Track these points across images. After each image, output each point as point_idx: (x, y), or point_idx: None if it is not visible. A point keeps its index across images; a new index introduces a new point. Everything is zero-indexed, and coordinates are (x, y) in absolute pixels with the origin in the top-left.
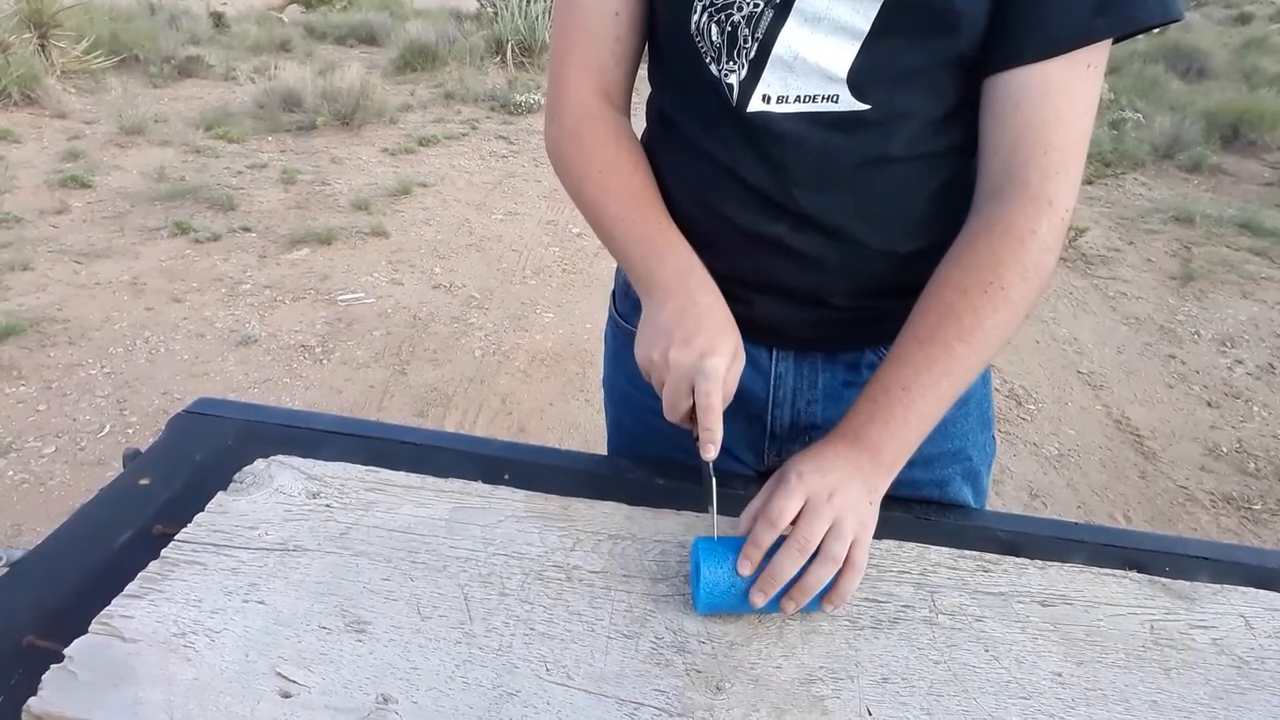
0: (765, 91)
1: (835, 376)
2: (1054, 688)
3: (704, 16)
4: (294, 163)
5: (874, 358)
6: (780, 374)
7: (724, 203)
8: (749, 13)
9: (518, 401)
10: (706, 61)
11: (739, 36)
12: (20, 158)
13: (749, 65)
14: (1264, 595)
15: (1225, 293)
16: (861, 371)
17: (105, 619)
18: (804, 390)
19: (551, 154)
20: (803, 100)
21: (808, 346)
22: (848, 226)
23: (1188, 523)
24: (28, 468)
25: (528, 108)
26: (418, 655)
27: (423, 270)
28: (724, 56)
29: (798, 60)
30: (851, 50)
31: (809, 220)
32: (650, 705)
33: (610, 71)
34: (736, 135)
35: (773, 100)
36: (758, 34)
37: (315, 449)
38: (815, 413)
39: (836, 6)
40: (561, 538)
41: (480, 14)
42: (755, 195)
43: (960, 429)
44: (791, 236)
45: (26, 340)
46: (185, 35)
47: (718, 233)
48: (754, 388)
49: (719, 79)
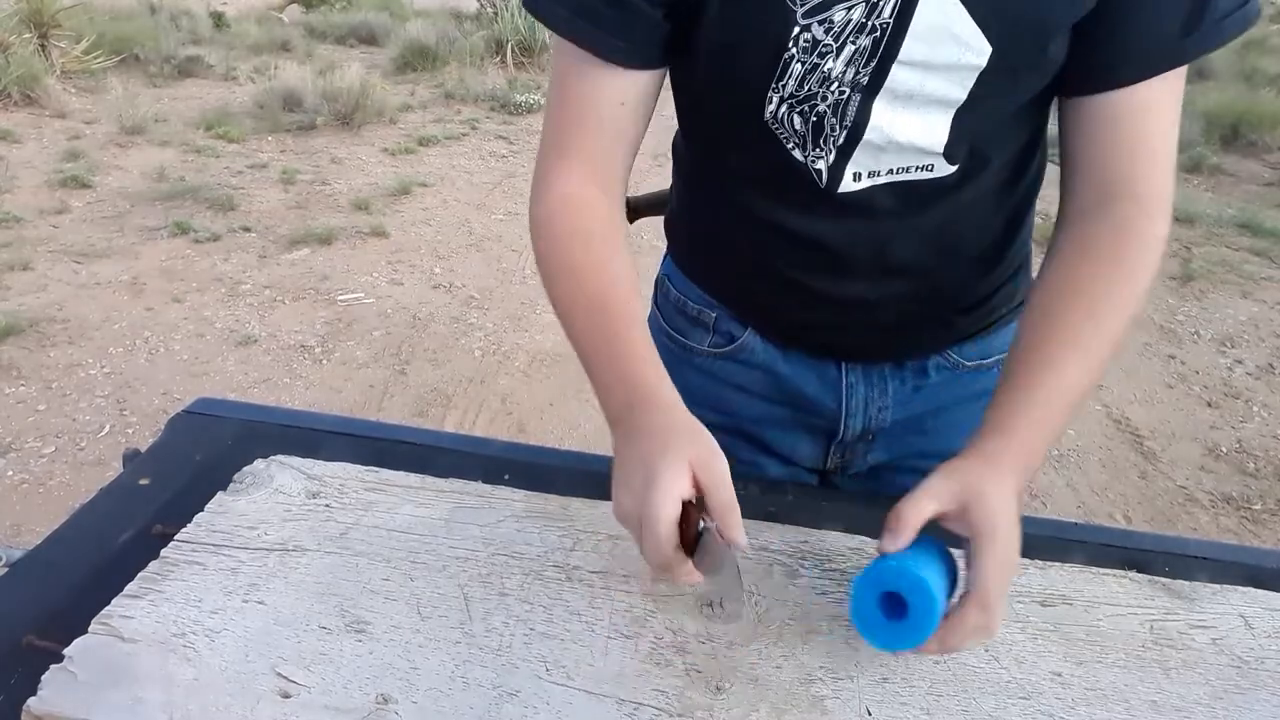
0: (856, 170)
1: (905, 383)
2: (1054, 688)
3: (782, 107)
4: (294, 163)
5: (941, 360)
6: (851, 384)
7: (804, 273)
8: (835, 100)
9: (517, 401)
10: (789, 148)
11: (825, 125)
12: (20, 158)
13: (837, 151)
14: (1263, 595)
15: (1225, 293)
16: (929, 374)
17: (105, 619)
18: (875, 399)
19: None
20: (896, 173)
21: (875, 359)
22: (926, 270)
23: (1187, 523)
24: (27, 468)
25: (528, 108)
26: (417, 655)
27: (422, 270)
28: (809, 144)
29: (891, 143)
30: (946, 121)
31: (890, 273)
32: (650, 705)
33: (606, 163)
34: (823, 213)
35: (864, 178)
36: (846, 121)
37: (315, 449)
38: (885, 419)
39: (930, 81)
40: (561, 538)
41: (480, 14)
42: (839, 263)
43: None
44: (871, 290)
45: (26, 340)
46: (185, 35)
47: (791, 295)
48: (825, 399)
49: (805, 165)
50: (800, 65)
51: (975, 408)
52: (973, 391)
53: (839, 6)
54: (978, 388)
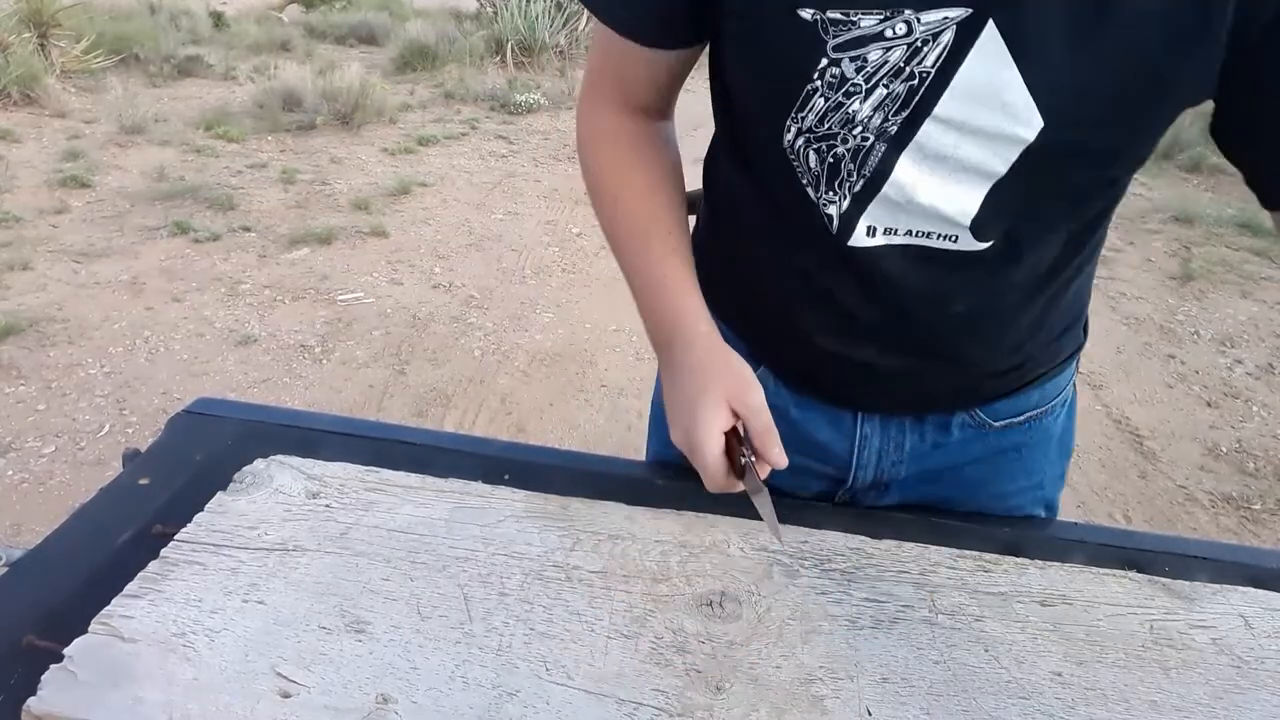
0: (871, 224)
1: (924, 438)
2: (1054, 687)
3: (799, 140)
4: (294, 162)
5: (966, 418)
6: (866, 434)
7: (814, 326)
8: (855, 146)
9: (517, 401)
10: (803, 184)
11: (842, 169)
12: (20, 157)
13: (852, 198)
14: (1263, 595)
15: (1225, 292)
16: (952, 432)
17: (105, 619)
18: (890, 452)
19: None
20: (914, 235)
21: (892, 413)
22: (946, 349)
23: (1187, 522)
24: (27, 467)
25: (528, 107)
26: (417, 655)
27: (422, 270)
28: (823, 185)
29: (911, 202)
30: (979, 193)
31: (903, 343)
32: (650, 705)
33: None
34: (832, 261)
35: (878, 233)
36: (865, 170)
37: (315, 449)
38: (899, 472)
39: (965, 145)
40: (561, 538)
41: (480, 14)
42: (849, 322)
43: (1041, 463)
44: (881, 357)
45: (26, 340)
46: (185, 35)
47: (801, 346)
48: (837, 447)
49: (816, 205)
50: (823, 100)
51: (1000, 462)
52: (998, 448)
53: (875, 45)
54: (1005, 444)
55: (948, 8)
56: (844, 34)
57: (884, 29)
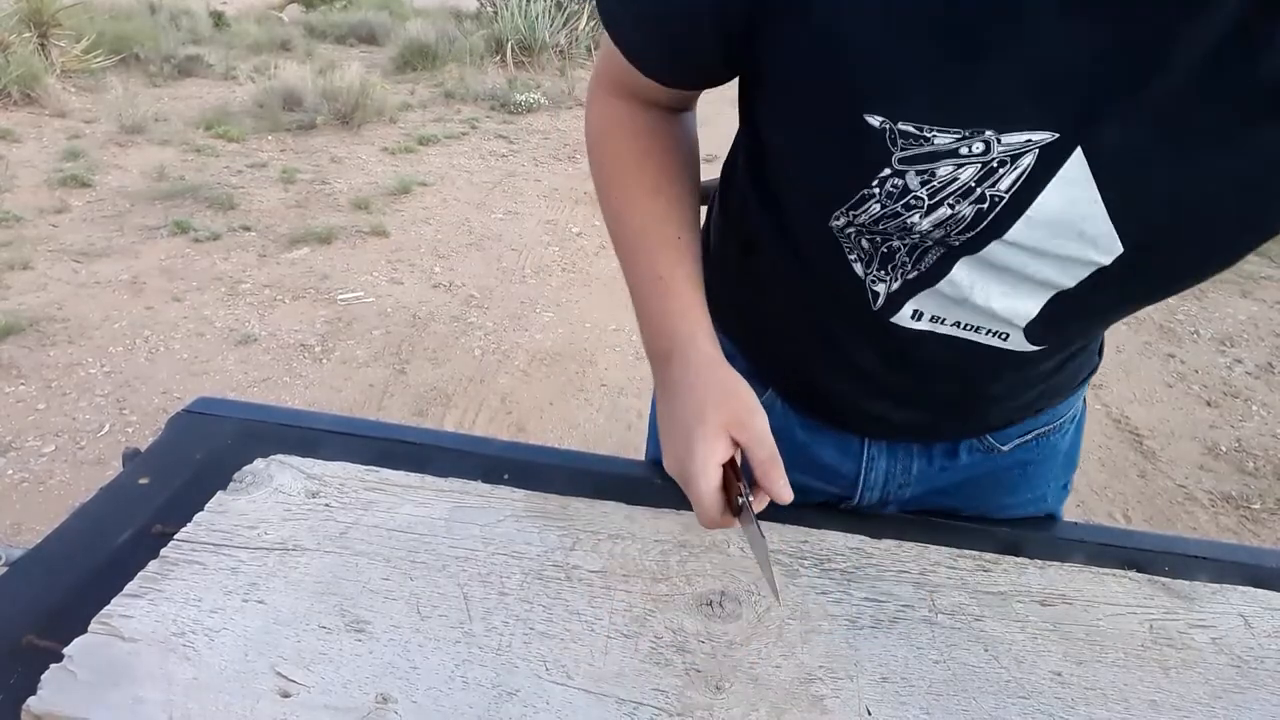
0: (918, 309)
1: (931, 462)
2: (1053, 687)
3: (850, 228)
4: (294, 162)
5: (975, 443)
6: (873, 457)
7: (826, 373)
8: (913, 244)
9: (517, 401)
10: (849, 257)
11: (896, 259)
12: (20, 157)
13: (904, 283)
14: (1263, 595)
15: (1224, 292)
16: (959, 456)
17: (104, 618)
18: (897, 474)
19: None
20: (962, 327)
21: (903, 439)
22: (965, 411)
23: (1187, 522)
24: (27, 467)
25: (528, 107)
26: (417, 655)
27: (422, 269)
28: (874, 265)
29: (966, 301)
30: (1040, 301)
31: (921, 404)
32: (650, 705)
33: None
34: (867, 331)
35: (924, 319)
36: (921, 266)
37: (315, 448)
38: (905, 495)
39: (1034, 264)
40: (561, 537)
41: (480, 13)
42: (867, 384)
43: (1045, 476)
44: (897, 410)
45: (26, 339)
46: (185, 34)
47: (806, 381)
48: (843, 467)
49: (862, 280)
50: (879, 207)
51: (1005, 477)
52: (1005, 465)
53: (947, 161)
54: (1012, 461)
55: (1033, 130)
56: (914, 148)
57: (959, 147)
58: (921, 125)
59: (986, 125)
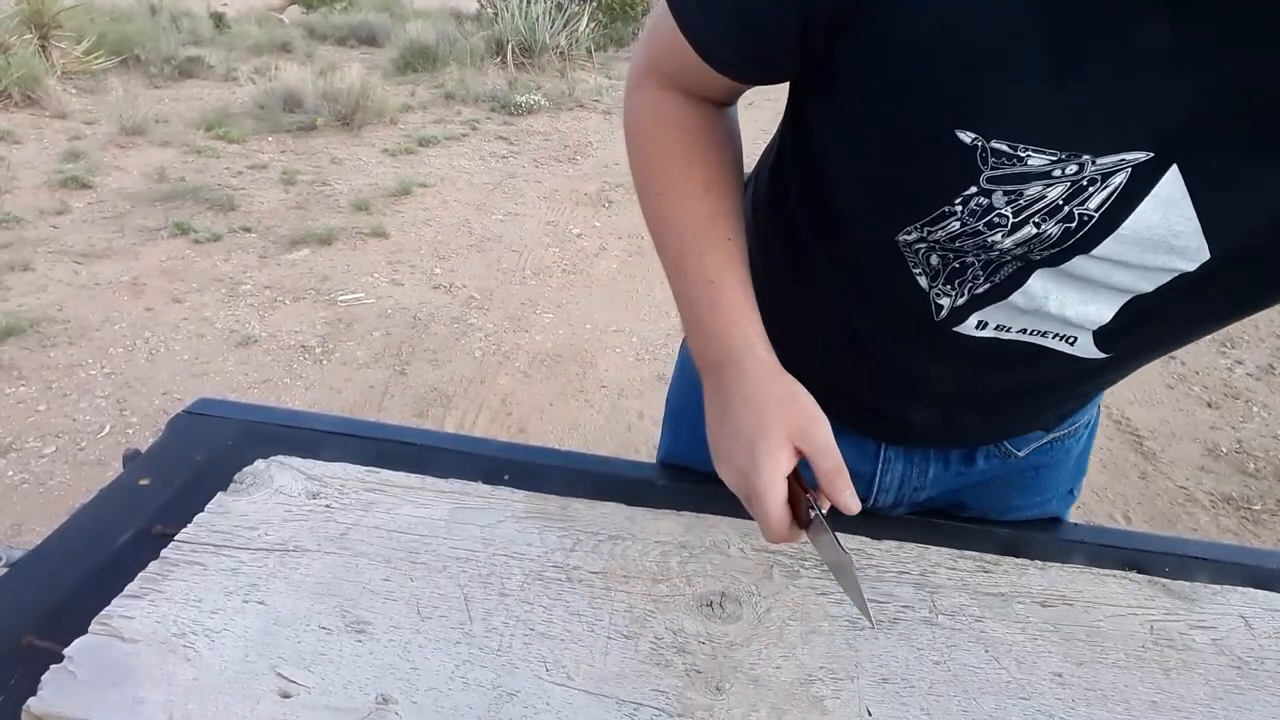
0: (983, 318)
1: (948, 467)
2: (1054, 688)
3: (921, 244)
4: (294, 163)
5: (992, 449)
6: (889, 459)
7: (858, 383)
8: (988, 259)
9: (517, 402)
10: (913, 271)
11: (968, 274)
12: (21, 158)
13: (971, 297)
14: (1263, 596)
15: None
16: (976, 462)
17: (105, 619)
18: (913, 478)
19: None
20: (1029, 334)
21: (921, 445)
22: (993, 411)
23: (1187, 523)
24: (28, 468)
25: (528, 108)
26: (417, 655)
27: (423, 271)
28: (940, 280)
29: (1039, 311)
30: (1115, 305)
31: (950, 408)
32: (650, 705)
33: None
34: (919, 341)
35: (989, 327)
36: (994, 279)
37: (315, 449)
38: (920, 496)
39: (1117, 274)
40: (561, 538)
41: (480, 15)
42: (904, 390)
43: (1054, 481)
44: (919, 415)
45: (27, 340)
46: (186, 36)
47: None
48: (859, 469)
49: (926, 293)
50: (959, 224)
51: (1016, 479)
52: (1018, 468)
53: (1037, 182)
54: (1025, 464)
55: (1128, 150)
56: (1005, 168)
57: (1053, 169)
58: (1016, 144)
59: (1084, 149)
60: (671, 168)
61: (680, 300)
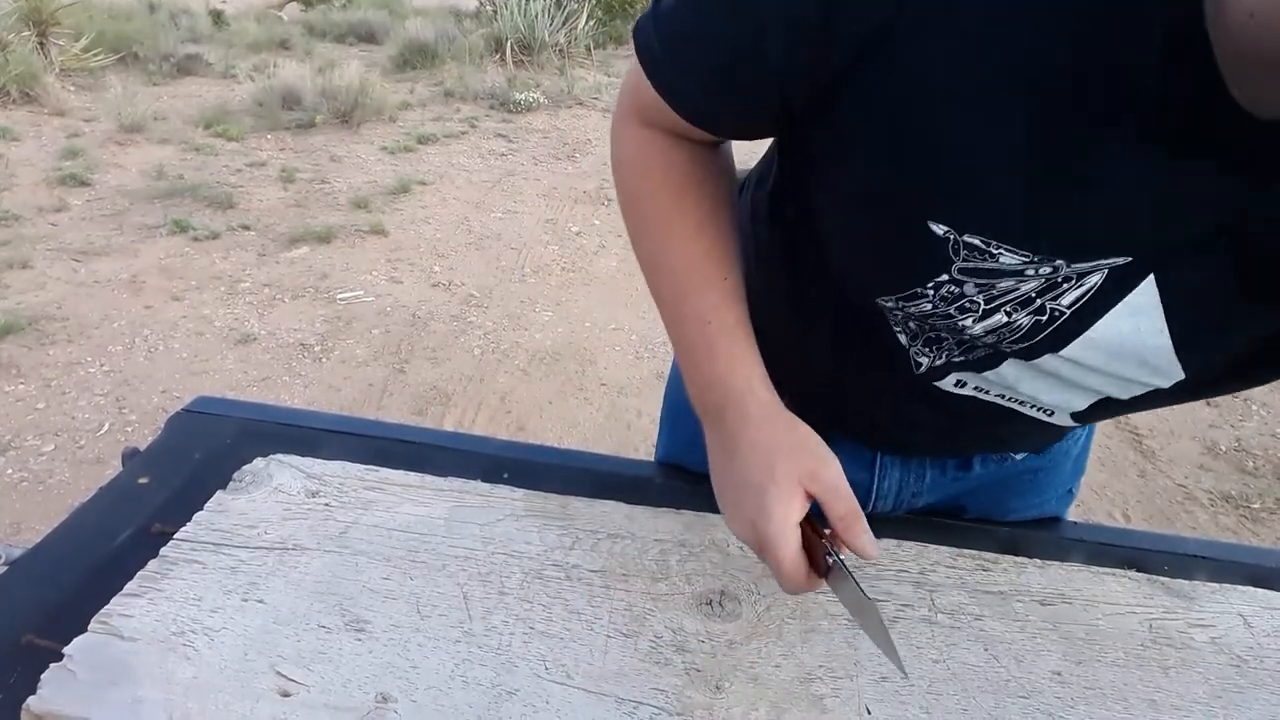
0: (961, 379)
1: (945, 472)
2: (1053, 686)
3: (899, 313)
4: (293, 161)
5: (989, 455)
6: (886, 467)
7: (847, 406)
8: (962, 339)
9: (517, 400)
10: (894, 328)
11: (943, 344)
12: (19, 155)
13: (948, 361)
14: (1262, 594)
15: None
16: (973, 468)
17: (104, 618)
18: (910, 483)
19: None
20: (1006, 399)
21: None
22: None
23: (1186, 521)
24: (27, 466)
25: (527, 106)
26: (417, 654)
27: (422, 269)
28: (919, 341)
29: (1013, 390)
30: (1087, 400)
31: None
32: (649, 704)
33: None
34: (902, 392)
35: (968, 387)
36: (969, 356)
37: (314, 448)
38: (917, 503)
39: (1088, 378)
40: (560, 536)
41: (480, 12)
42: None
43: (1053, 482)
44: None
45: (25, 338)
46: (184, 33)
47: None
48: (855, 475)
49: (906, 350)
50: (931, 306)
51: (1014, 483)
52: (1015, 472)
53: (1010, 278)
54: (1023, 468)
55: (1105, 257)
56: (976, 261)
57: (1025, 269)
58: (989, 240)
59: (1059, 255)
60: (662, 209)
61: (676, 343)
